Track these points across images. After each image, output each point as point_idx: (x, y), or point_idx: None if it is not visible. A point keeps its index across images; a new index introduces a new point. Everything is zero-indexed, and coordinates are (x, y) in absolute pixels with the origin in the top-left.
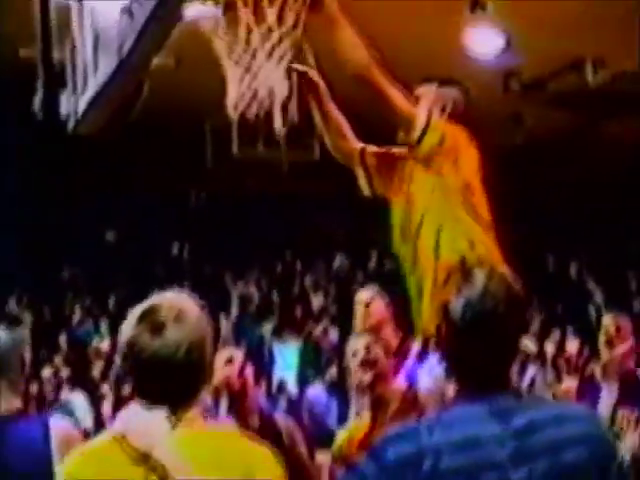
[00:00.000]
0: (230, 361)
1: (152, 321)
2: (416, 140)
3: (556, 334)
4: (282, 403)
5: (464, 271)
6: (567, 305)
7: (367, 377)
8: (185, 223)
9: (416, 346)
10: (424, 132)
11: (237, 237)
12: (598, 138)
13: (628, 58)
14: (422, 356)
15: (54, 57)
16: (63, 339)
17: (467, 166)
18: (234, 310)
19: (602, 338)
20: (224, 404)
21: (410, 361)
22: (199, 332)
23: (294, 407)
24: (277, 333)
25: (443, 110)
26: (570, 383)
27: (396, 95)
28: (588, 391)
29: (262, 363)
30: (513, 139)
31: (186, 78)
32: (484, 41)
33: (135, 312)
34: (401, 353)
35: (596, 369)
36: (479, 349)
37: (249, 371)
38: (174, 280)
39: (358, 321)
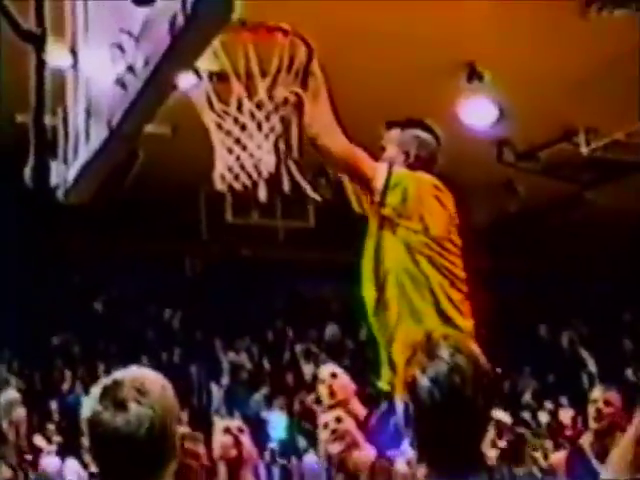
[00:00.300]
0: (227, 431)
1: (114, 398)
2: (379, 201)
3: (549, 404)
4: (276, 472)
5: (429, 348)
6: (560, 374)
7: (336, 448)
8: (178, 291)
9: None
10: (384, 193)
11: (229, 304)
12: (591, 206)
13: (619, 127)
14: (385, 419)
15: (47, 124)
16: (54, 406)
17: (435, 219)
18: (225, 378)
19: (591, 410)
20: (222, 474)
21: (376, 428)
22: (162, 408)
23: (288, 476)
24: (269, 402)
25: (407, 155)
26: (560, 454)
27: (360, 161)
28: (577, 462)
29: (255, 432)
30: (507, 207)
31: (181, 146)
32: (479, 111)
33: (96, 389)
34: (369, 423)
35: (585, 440)
36: (449, 428)
37: (246, 439)
38: (165, 347)
39: (325, 397)
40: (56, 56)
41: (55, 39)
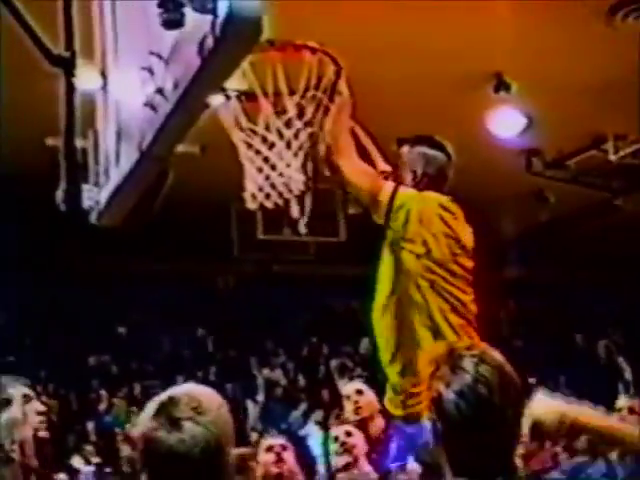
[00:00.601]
0: (270, 449)
1: (169, 415)
2: (383, 224)
3: None
4: None
5: (452, 361)
6: (596, 384)
7: (342, 461)
8: (211, 309)
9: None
10: (388, 215)
11: (263, 321)
12: (621, 213)
13: None
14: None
15: (77, 147)
16: (91, 427)
17: (439, 243)
18: (260, 395)
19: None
20: None
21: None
22: (218, 427)
23: None
24: (305, 418)
25: (415, 174)
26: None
27: (368, 182)
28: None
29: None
30: (537, 217)
31: (211, 165)
32: (507, 121)
33: (152, 404)
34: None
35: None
36: (480, 440)
37: (289, 457)
38: (200, 366)
39: (350, 413)
40: (86, 79)
41: (84, 62)
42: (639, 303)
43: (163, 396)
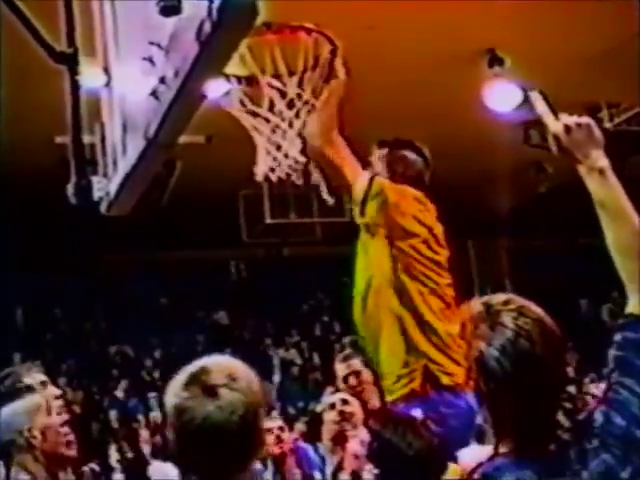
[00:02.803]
0: (268, 431)
1: (203, 384)
2: (360, 210)
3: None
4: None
5: (490, 317)
6: (602, 348)
7: (340, 429)
8: (225, 294)
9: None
10: (364, 202)
11: (275, 302)
12: (620, 179)
13: None
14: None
15: (85, 142)
16: (113, 415)
17: (414, 229)
18: (277, 376)
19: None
20: (270, 468)
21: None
22: (253, 395)
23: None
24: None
25: (394, 173)
26: None
27: (347, 168)
28: None
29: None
30: (536, 188)
31: (217, 154)
32: (503, 95)
33: (182, 375)
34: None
35: None
36: (526, 395)
37: (286, 436)
38: (216, 350)
39: (331, 423)
40: (90, 77)
41: (87, 60)
42: None
43: (192, 367)
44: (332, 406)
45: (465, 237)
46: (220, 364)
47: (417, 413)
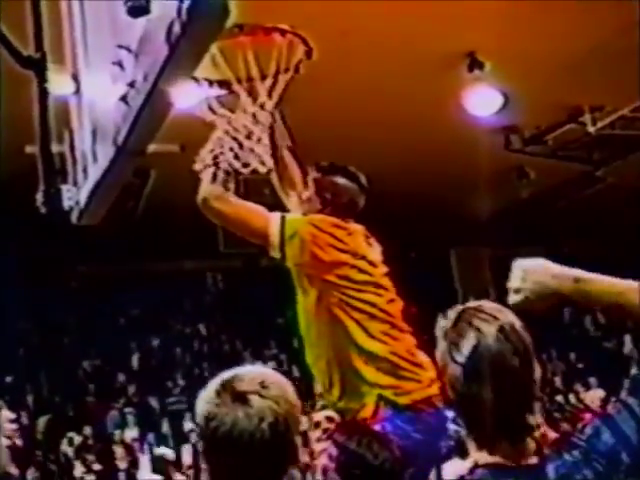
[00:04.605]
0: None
1: (233, 390)
2: (280, 256)
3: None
4: None
5: (458, 324)
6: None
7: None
8: (202, 306)
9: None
10: (282, 246)
11: (254, 313)
12: (603, 184)
13: (624, 103)
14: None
15: (55, 151)
16: (88, 431)
17: (336, 258)
18: None
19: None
20: None
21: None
22: (286, 404)
23: None
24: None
25: (323, 200)
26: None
27: (252, 218)
28: None
29: None
30: (519, 193)
31: (192, 162)
32: (483, 100)
33: (214, 382)
34: None
35: None
36: (494, 404)
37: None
38: (194, 362)
39: (316, 441)
40: (58, 84)
41: (56, 67)
42: (625, 273)
43: (225, 374)
44: (317, 424)
45: (447, 245)
46: (253, 372)
47: (379, 428)
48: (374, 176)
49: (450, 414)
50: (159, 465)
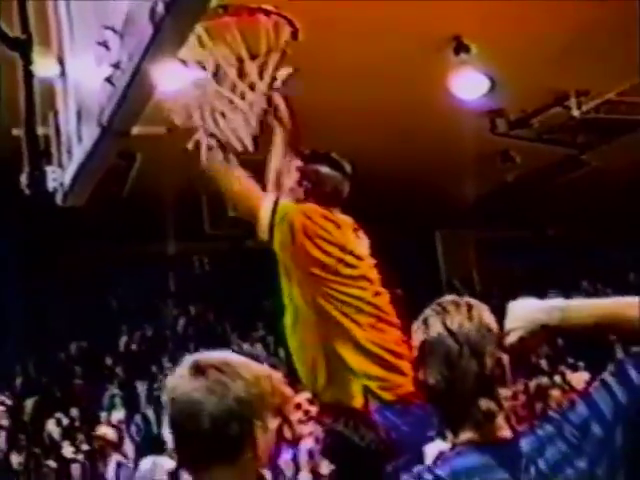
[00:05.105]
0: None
1: (196, 365)
2: (267, 237)
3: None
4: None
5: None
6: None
7: (308, 429)
8: (189, 289)
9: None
10: (272, 230)
11: (240, 296)
12: (589, 168)
13: (609, 87)
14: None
15: (40, 133)
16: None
17: (324, 249)
18: None
19: None
20: None
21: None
22: (244, 384)
23: None
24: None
25: (306, 189)
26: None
27: (249, 196)
28: None
29: None
30: (504, 177)
31: (179, 145)
32: (469, 83)
33: (188, 358)
34: None
35: None
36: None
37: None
38: (181, 345)
39: (298, 423)
40: (44, 66)
41: (41, 49)
42: (610, 257)
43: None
44: (298, 406)
45: (432, 228)
46: (225, 354)
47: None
48: (360, 159)
49: None
50: None
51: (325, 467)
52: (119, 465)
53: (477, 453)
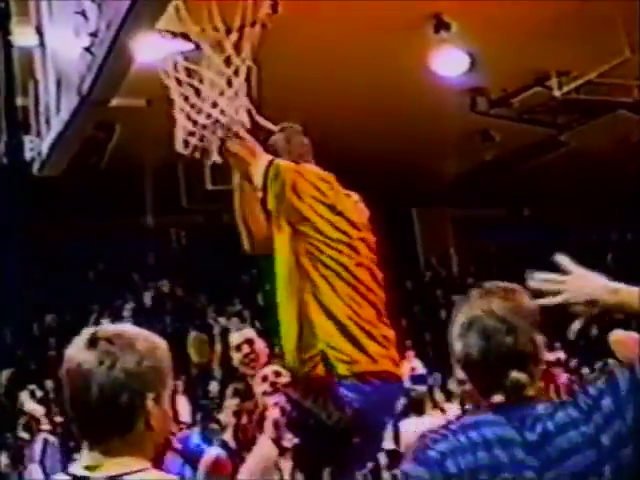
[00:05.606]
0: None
1: (91, 336)
2: (262, 197)
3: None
4: None
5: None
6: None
7: (274, 400)
8: (165, 262)
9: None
10: (265, 187)
11: (217, 270)
12: (567, 148)
13: (590, 68)
14: None
15: (20, 104)
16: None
17: (315, 210)
18: (218, 345)
19: None
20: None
21: None
22: (134, 355)
23: None
24: None
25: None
26: None
27: (247, 154)
28: None
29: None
30: (483, 155)
31: (158, 118)
32: (450, 61)
33: (87, 331)
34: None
35: None
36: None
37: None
38: (157, 317)
39: (239, 366)
40: (22, 36)
41: (20, 19)
42: (590, 238)
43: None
44: (264, 378)
45: (409, 205)
46: (123, 326)
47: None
48: (338, 137)
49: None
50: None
51: (288, 440)
52: (46, 442)
53: (492, 412)
